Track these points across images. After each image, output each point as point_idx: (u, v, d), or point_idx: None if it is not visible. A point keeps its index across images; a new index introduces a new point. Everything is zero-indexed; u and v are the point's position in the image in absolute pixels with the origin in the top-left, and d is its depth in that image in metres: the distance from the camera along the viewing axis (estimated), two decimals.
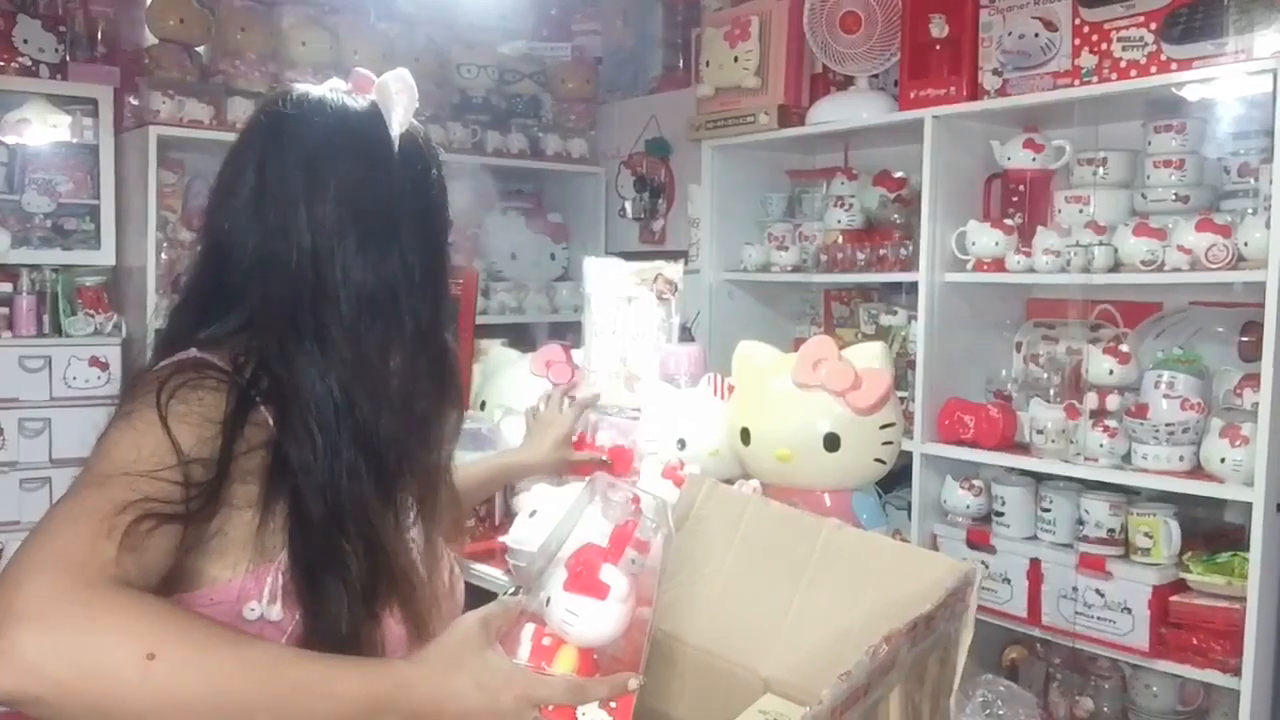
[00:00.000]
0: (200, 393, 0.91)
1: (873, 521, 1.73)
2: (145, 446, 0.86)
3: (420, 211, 1.04)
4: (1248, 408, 2.15)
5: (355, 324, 0.97)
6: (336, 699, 0.81)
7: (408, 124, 1.04)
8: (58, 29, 3.33)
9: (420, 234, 1.03)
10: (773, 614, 0.98)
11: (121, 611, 0.77)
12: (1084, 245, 2.35)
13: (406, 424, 0.99)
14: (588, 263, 2.23)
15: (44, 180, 3.25)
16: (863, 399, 1.66)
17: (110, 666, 0.74)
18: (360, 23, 3.69)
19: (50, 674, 0.72)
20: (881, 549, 1.00)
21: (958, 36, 2.61)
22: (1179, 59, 2.22)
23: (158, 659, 0.74)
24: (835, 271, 2.98)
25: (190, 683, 0.76)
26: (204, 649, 0.78)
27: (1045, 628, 2.45)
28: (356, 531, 0.94)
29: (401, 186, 1.02)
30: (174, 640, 0.77)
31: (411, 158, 1.04)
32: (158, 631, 0.76)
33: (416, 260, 1.01)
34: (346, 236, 0.98)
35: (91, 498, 0.82)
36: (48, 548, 0.78)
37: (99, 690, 0.73)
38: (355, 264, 0.97)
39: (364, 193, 0.99)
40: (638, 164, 4.06)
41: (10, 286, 3.17)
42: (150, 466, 0.84)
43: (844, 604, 0.95)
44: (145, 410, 0.88)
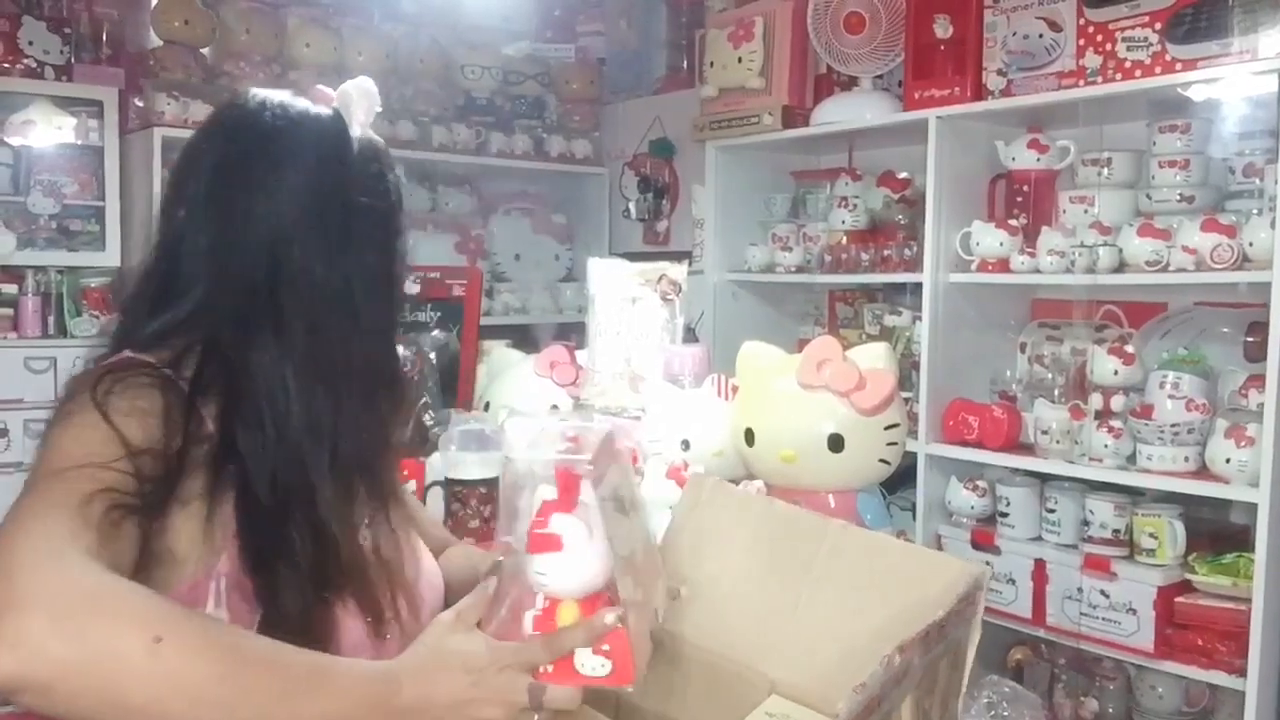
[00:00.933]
0: (135, 389, 0.91)
1: (877, 522, 1.73)
2: (93, 440, 0.86)
3: (377, 213, 1.05)
4: (1253, 408, 2.14)
5: (311, 315, 0.98)
6: (332, 693, 0.81)
7: (367, 129, 1.08)
8: (63, 31, 3.33)
9: (376, 235, 1.04)
10: (779, 615, 0.98)
11: (124, 596, 0.77)
12: (1089, 246, 2.35)
13: (357, 417, 1.00)
14: (592, 263, 2.22)
15: (49, 182, 3.25)
16: (867, 400, 1.66)
17: (119, 649, 0.73)
18: (365, 24, 3.70)
19: (58, 659, 0.72)
20: (889, 549, 0.99)
21: (962, 37, 2.61)
22: (1184, 59, 2.21)
23: (165, 642, 0.74)
24: (839, 272, 2.98)
25: (198, 666, 0.75)
26: (209, 634, 0.78)
27: (1050, 628, 2.44)
28: (304, 518, 0.95)
29: (360, 188, 1.03)
30: (180, 624, 0.77)
31: (370, 161, 1.06)
32: (163, 616, 0.76)
33: (373, 259, 1.03)
34: (304, 231, 0.99)
35: (54, 492, 0.82)
36: (26, 542, 0.77)
37: (108, 674, 0.73)
38: (312, 257, 0.98)
39: (325, 190, 1.01)
40: (642, 165, 4.06)
41: (15, 288, 3.17)
42: (104, 459, 0.84)
43: (852, 605, 0.94)
44: (84, 408, 0.88)
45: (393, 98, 3.66)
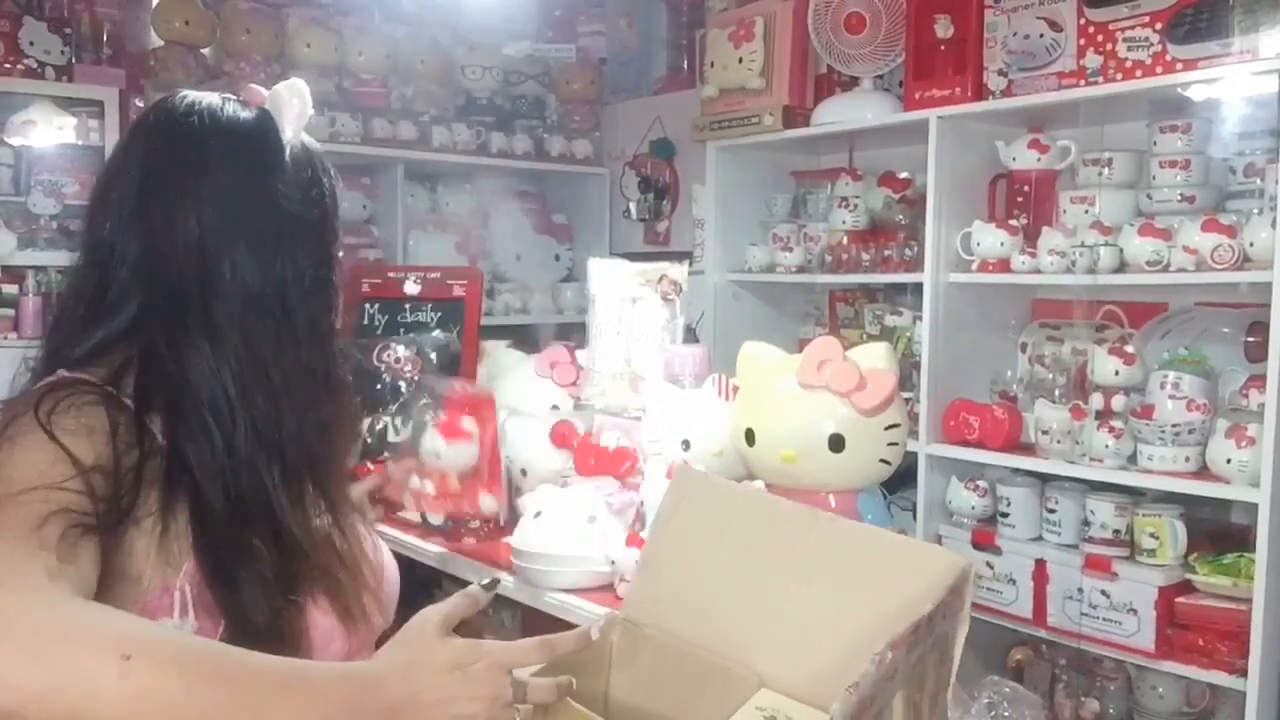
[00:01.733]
0: (78, 407, 0.90)
1: (878, 522, 1.73)
2: (41, 461, 0.85)
3: (309, 218, 1.04)
4: (1253, 408, 2.14)
5: (244, 322, 0.97)
6: (310, 696, 0.80)
7: (300, 132, 1.07)
8: (63, 31, 3.33)
9: (309, 240, 1.03)
10: (766, 608, 0.97)
11: (90, 618, 0.76)
12: (1089, 246, 2.35)
13: (300, 422, 0.99)
14: (592, 264, 2.22)
15: (50, 182, 3.25)
16: (868, 400, 1.66)
17: (88, 672, 0.72)
18: (365, 24, 3.69)
19: (25, 686, 0.70)
20: (877, 541, 0.98)
21: (963, 37, 2.61)
22: (1184, 59, 2.21)
23: (134, 660, 0.73)
24: (840, 272, 2.98)
25: (169, 682, 0.74)
26: (178, 648, 0.78)
27: (1050, 629, 2.44)
28: (264, 524, 0.95)
29: (291, 192, 1.02)
30: (148, 640, 0.76)
31: (302, 166, 1.05)
32: (130, 634, 0.75)
33: (307, 264, 1.02)
34: (235, 237, 0.98)
35: (7, 518, 0.80)
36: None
37: (78, 697, 0.72)
38: (244, 264, 0.98)
39: (252, 195, 1.00)
40: (642, 165, 4.06)
41: (16, 288, 3.18)
42: (54, 479, 0.83)
43: (840, 598, 0.94)
44: (29, 429, 0.87)
45: (393, 98, 3.66)
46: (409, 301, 2.36)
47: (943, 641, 0.91)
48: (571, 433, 2.00)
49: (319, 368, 1.03)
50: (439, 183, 4.02)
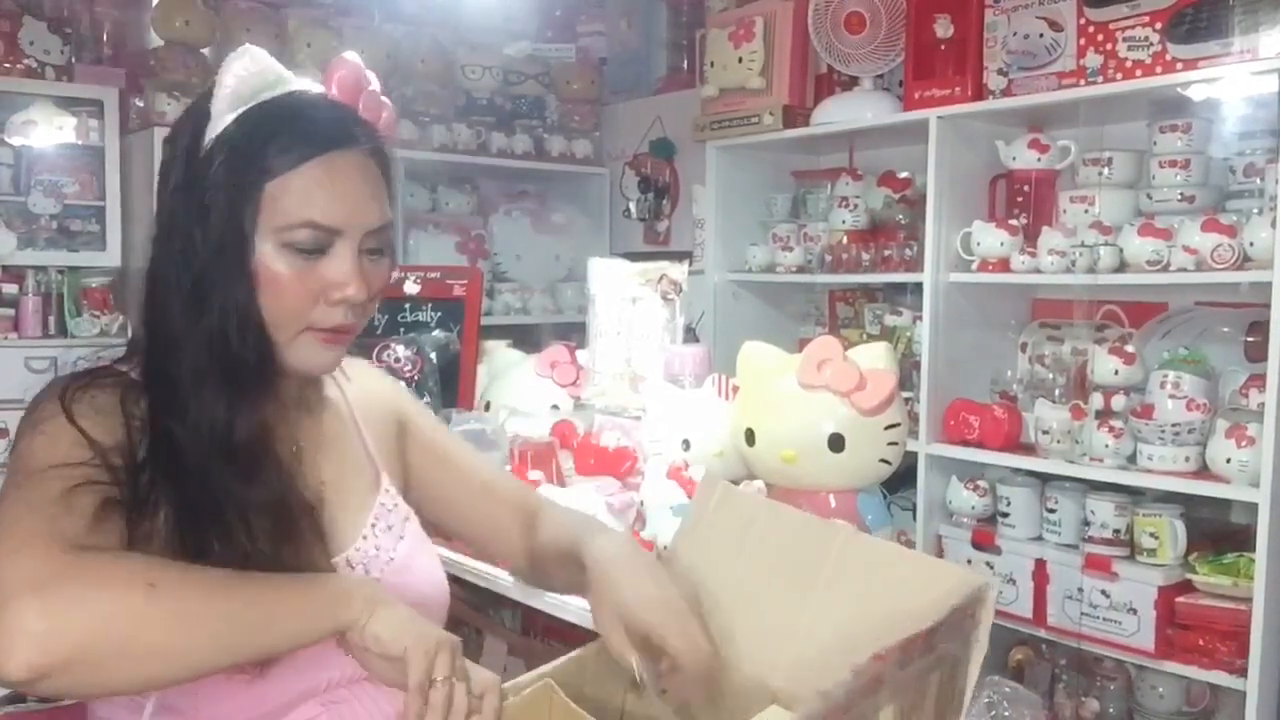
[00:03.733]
0: (94, 391, 0.95)
1: (878, 522, 1.73)
2: (63, 444, 0.89)
3: (211, 205, 0.98)
4: (1253, 408, 2.14)
5: (164, 310, 1.00)
6: (311, 598, 0.88)
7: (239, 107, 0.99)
8: (63, 31, 3.34)
9: (210, 225, 0.99)
10: (782, 624, 0.96)
11: (110, 560, 0.82)
12: (1089, 245, 2.35)
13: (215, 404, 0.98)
14: (592, 263, 2.23)
15: (50, 182, 3.26)
16: (868, 400, 1.66)
17: (122, 604, 0.78)
18: (365, 24, 3.70)
19: (68, 635, 0.76)
20: (896, 559, 0.97)
21: (963, 37, 2.61)
22: (1184, 59, 2.21)
23: (158, 586, 0.80)
24: (840, 272, 2.98)
25: (194, 600, 0.82)
26: (194, 571, 0.85)
27: (1051, 629, 2.44)
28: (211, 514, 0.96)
29: (205, 179, 0.99)
30: (166, 569, 0.83)
31: (220, 150, 0.98)
32: (149, 565, 0.83)
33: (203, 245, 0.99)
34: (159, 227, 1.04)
35: (30, 493, 0.85)
36: (8, 539, 0.81)
37: (120, 630, 0.78)
38: (161, 251, 1.03)
39: (171, 186, 1.04)
40: (642, 165, 4.06)
41: (16, 288, 3.18)
42: (75, 459, 0.88)
43: (855, 615, 0.93)
44: (51, 416, 0.92)
45: (393, 98, 3.65)
46: (409, 301, 2.36)
47: (950, 662, 0.89)
48: (571, 432, 2.00)
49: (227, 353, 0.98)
50: (439, 182, 4.03)
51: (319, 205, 0.98)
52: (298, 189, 0.98)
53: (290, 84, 1.03)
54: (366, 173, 1.03)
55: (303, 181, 0.98)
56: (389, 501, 1.15)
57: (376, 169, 1.05)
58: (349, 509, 1.11)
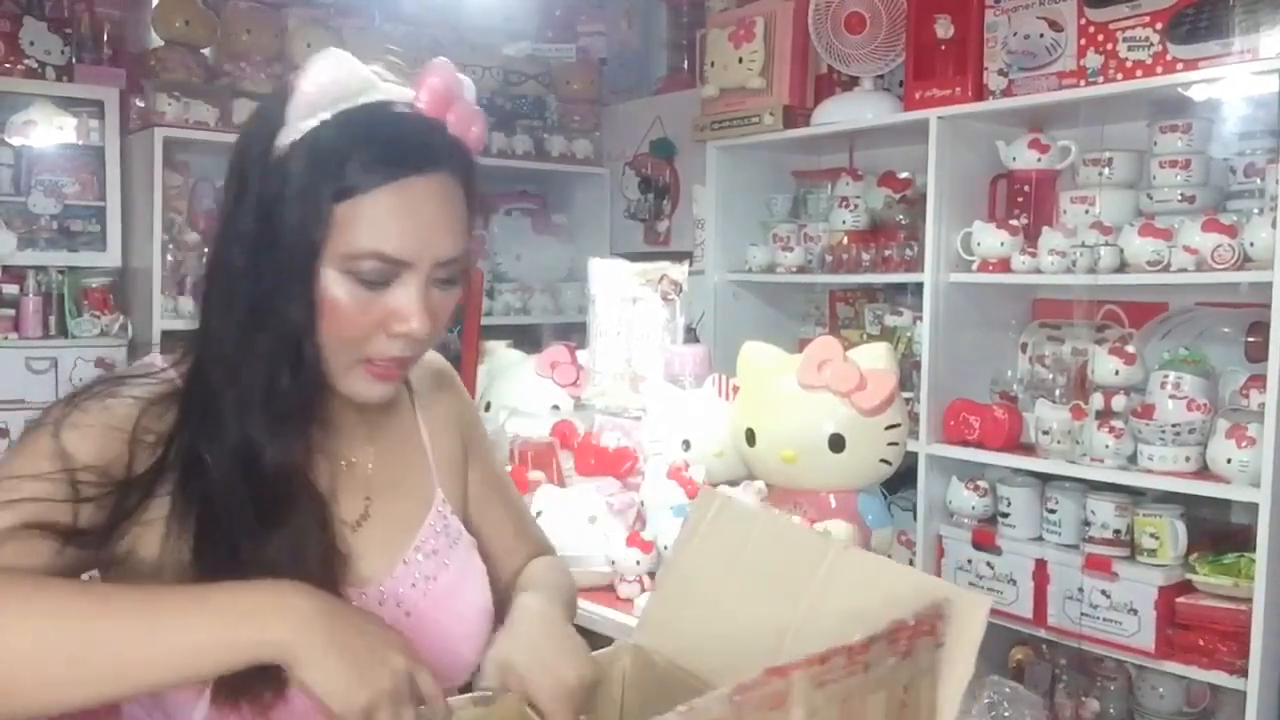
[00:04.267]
0: (109, 402, 0.92)
1: (878, 523, 1.73)
2: (37, 454, 0.88)
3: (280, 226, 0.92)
4: (1254, 408, 2.14)
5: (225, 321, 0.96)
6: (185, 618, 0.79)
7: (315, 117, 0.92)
8: (64, 31, 3.34)
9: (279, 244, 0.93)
10: (769, 639, 0.93)
11: None
12: (1089, 246, 2.35)
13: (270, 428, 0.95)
14: (593, 264, 2.23)
15: (50, 182, 3.25)
16: (868, 400, 1.66)
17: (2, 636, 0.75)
18: (365, 24, 3.70)
19: None
20: (883, 573, 0.93)
21: (963, 37, 2.61)
22: (1185, 59, 2.21)
23: (32, 599, 0.77)
24: (840, 272, 2.98)
25: (30, 626, 0.76)
26: (34, 590, 0.79)
27: (1051, 629, 2.44)
28: None
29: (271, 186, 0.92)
30: (47, 591, 0.78)
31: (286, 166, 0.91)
32: (31, 588, 0.78)
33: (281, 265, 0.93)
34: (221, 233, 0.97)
35: None
36: None
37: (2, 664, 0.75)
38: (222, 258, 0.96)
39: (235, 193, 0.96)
40: (643, 165, 4.06)
41: (17, 288, 3.18)
42: (33, 472, 0.86)
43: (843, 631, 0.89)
44: (47, 422, 0.91)
45: None
46: None
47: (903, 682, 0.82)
48: (572, 433, 2.00)
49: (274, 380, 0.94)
50: None
51: (390, 236, 0.91)
52: (370, 216, 0.91)
53: (376, 91, 0.95)
54: (446, 199, 0.95)
55: (376, 208, 0.91)
56: (439, 523, 1.10)
57: (459, 193, 0.96)
58: (394, 529, 1.06)
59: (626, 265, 2.19)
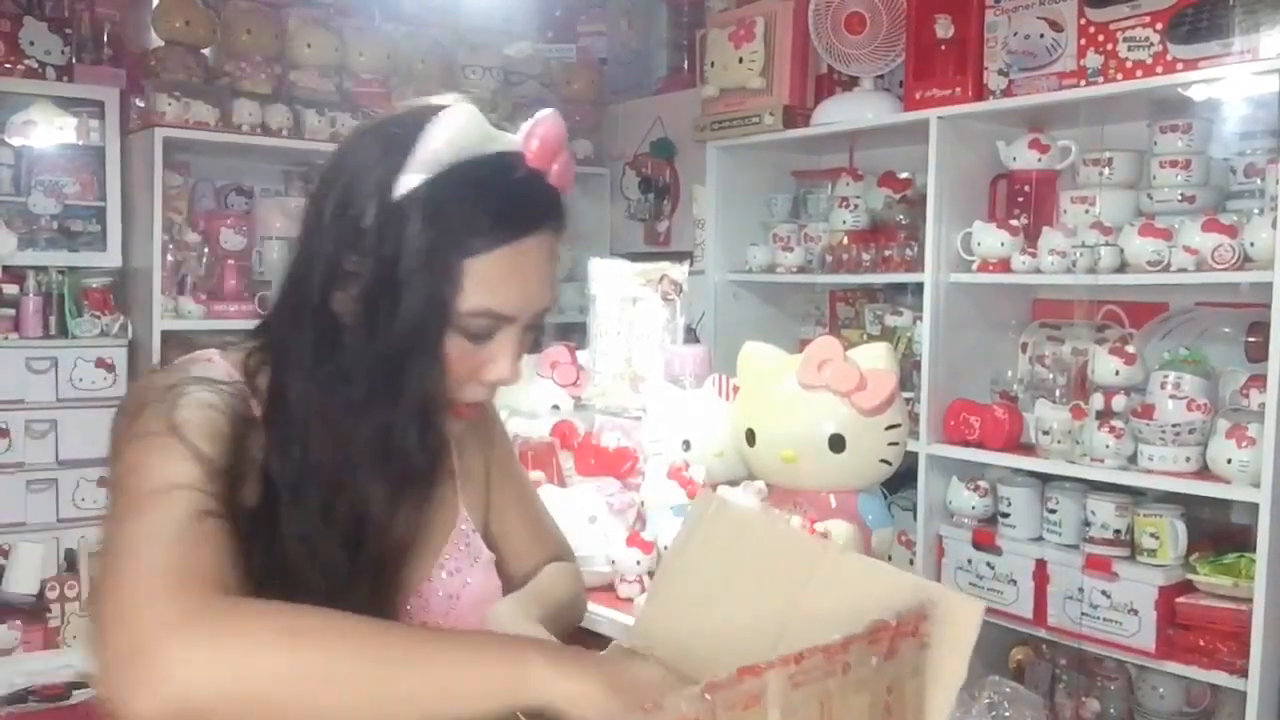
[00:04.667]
0: (207, 409, 0.90)
1: (878, 523, 1.73)
2: (174, 460, 0.85)
3: (381, 270, 0.92)
4: (1254, 408, 2.14)
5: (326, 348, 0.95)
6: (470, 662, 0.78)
7: (437, 168, 0.92)
8: (64, 31, 3.33)
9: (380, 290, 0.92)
10: (765, 642, 0.91)
11: (249, 606, 0.78)
12: (1090, 246, 2.35)
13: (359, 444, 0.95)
14: (593, 264, 2.23)
15: (50, 182, 3.25)
16: (868, 400, 1.66)
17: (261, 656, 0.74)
18: (366, 25, 3.69)
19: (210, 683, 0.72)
20: (882, 578, 0.92)
21: (963, 37, 2.61)
22: (1185, 59, 2.21)
23: (299, 634, 0.75)
24: (840, 272, 2.98)
25: (335, 648, 0.75)
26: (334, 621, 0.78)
27: (1051, 629, 2.44)
28: None
29: (379, 237, 0.92)
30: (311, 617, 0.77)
31: (400, 217, 0.91)
32: (295, 613, 0.77)
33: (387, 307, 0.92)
34: (325, 260, 0.94)
35: (155, 517, 0.81)
36: (143, 571, 0.77)
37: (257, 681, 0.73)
38: (337, 292, 0.94)
39: (343, 226, 0.93)
40: (643, 165, 4.06)
41: (17, 288, 3.17)
42: (190, 480, 0.84)
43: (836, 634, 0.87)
44: (161, 429, 0.87)
45: (393, 98, 3.66)
46: None
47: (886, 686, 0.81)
48: (572, 433, 2.00)
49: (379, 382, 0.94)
50: None
51: (500, 294, 0.93)
52: (486, 275, 0.92)
53: (496, 143, 0.96)
54: (550, 256, 0.97)
55: (492, 268, 0.92)
56: (461, 541, 1.11)
57: (558, 247, 0.99)
58: (421, 542, 1.06)
59: (626, 265, 2.19)
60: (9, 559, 2.91)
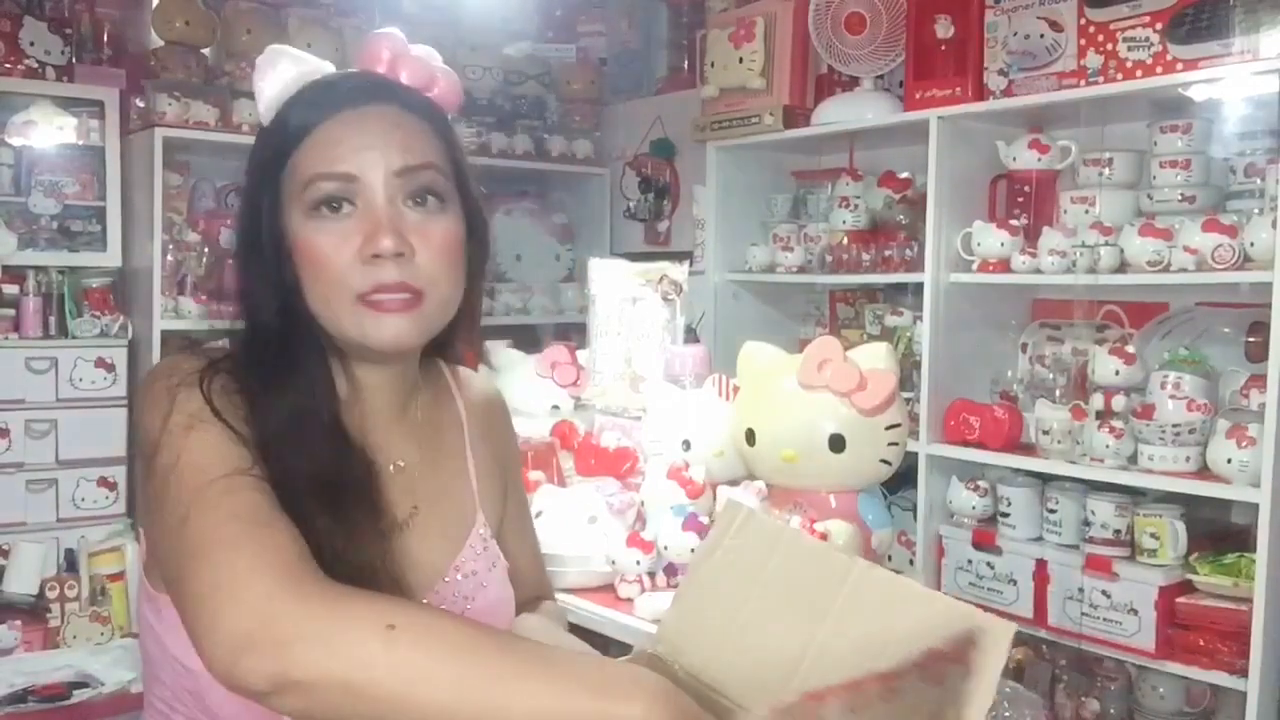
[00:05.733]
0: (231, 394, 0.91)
1: (878, 523, 1.73)
2: (224, 445, 0.86)
3: (249, 195, 0.98)
4: (1254, 408, 2.14)
5: None
6: (567, 677, 0.77)
7: (277, 102, 0.98)
8: (64, 31, 3.33)
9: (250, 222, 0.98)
10: (790, 657, 0.91)
11: (346, 594, 0.78)
12: (1090, 246, 2.35)
13: None
14: (593, 264, 2.23)
15: (50, 182, 3.25)
16: (868, 400, 1.66)
17: (362, 645, 0.74)
18: (365, 24, 3.69)
19: (309, 658, 0.73)
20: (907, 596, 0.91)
21: (963, 37, 2.61)
22: (1185, 59, 2.21)
23: (398, 629, 0.75)
24: (840, 272, 2.98)
25: (432, 648, 0.75)
26: (431, 616, 0.79)
27: (1051, 629, 2.44)
28: None
29: (251, 178, 0.98)
30: (408, 613, 0.77)
31: (259, 144, 0.98)
32: (388, 605, 0.78)
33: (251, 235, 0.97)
34: None
35: (226, 505, 0.82)
36: (230, 561, 0.78)
37: (357, 670, 0.74)
38: None
39: None
40: (643, 165, 4.06)
41: (17, 288, 3.17)
42: (246, 464, 0.85)
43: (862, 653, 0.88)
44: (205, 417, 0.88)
45: None
46: None
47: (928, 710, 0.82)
48: (572, 433, 2.00)
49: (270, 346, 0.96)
50: None
51: (331, 158, 0.93)
52: (311, 149, 0.94)
53: (320, 73, 1.00)
54: (394, 122, 0.96)
55: (316, 141, 0.94)
56: (479, 545, 1.09)
57: (414, 119, 0.97)
58: (439, 541, 1.06)
59: (626, 265, 2.19)
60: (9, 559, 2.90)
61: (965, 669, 0.83)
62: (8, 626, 2.66)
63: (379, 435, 1.02)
